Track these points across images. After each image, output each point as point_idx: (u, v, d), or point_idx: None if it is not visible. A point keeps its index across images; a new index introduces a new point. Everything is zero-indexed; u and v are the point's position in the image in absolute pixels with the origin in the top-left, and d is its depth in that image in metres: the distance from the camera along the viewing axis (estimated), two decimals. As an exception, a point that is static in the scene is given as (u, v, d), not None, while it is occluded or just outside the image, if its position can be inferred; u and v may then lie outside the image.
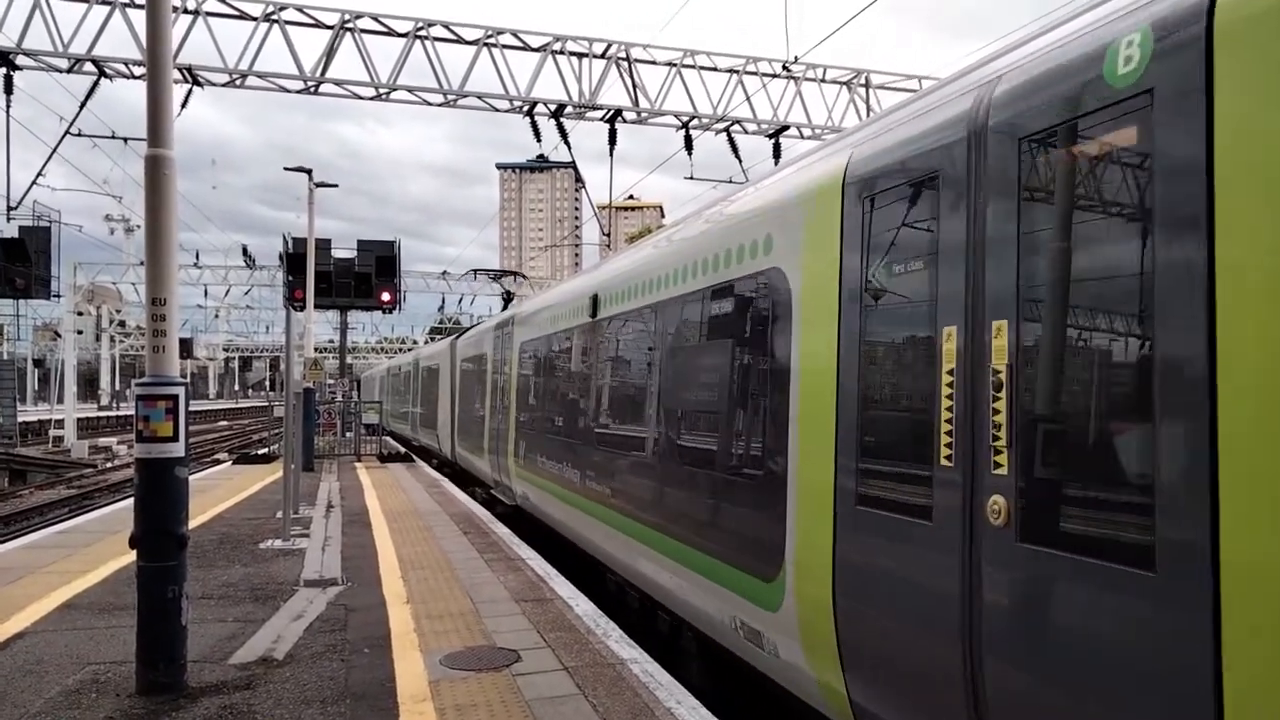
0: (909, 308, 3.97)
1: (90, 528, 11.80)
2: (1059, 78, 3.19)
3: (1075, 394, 3.16)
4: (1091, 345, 3.08)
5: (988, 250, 3.44)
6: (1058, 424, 3.15)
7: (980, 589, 3.36)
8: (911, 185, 3.98)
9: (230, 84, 18.42)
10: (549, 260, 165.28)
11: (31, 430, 41.91)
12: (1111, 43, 2.96)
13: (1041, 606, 3.11)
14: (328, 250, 25.09)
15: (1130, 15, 2.95)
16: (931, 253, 3.78)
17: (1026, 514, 3.17)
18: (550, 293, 12.69)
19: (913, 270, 3.95)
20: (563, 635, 6.63)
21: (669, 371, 6.87)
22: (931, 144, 3.85)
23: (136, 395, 5.48)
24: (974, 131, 3.59)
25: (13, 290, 25.68)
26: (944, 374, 3.64)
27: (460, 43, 19.27)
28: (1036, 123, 3.26)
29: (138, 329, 58.40)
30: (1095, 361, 3.06)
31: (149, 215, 5.61)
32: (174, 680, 5.34)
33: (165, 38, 5.71)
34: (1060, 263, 3.18)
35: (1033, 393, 3.24)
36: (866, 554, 4.12)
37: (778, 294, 5.07)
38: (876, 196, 4.22)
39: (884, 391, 4.20)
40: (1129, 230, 2.96)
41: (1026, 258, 3.27)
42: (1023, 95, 3.36)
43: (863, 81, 21.48)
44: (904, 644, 3.83)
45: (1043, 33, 3.65)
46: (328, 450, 24.07)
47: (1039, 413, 3.21)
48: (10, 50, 17.08)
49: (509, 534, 11.44)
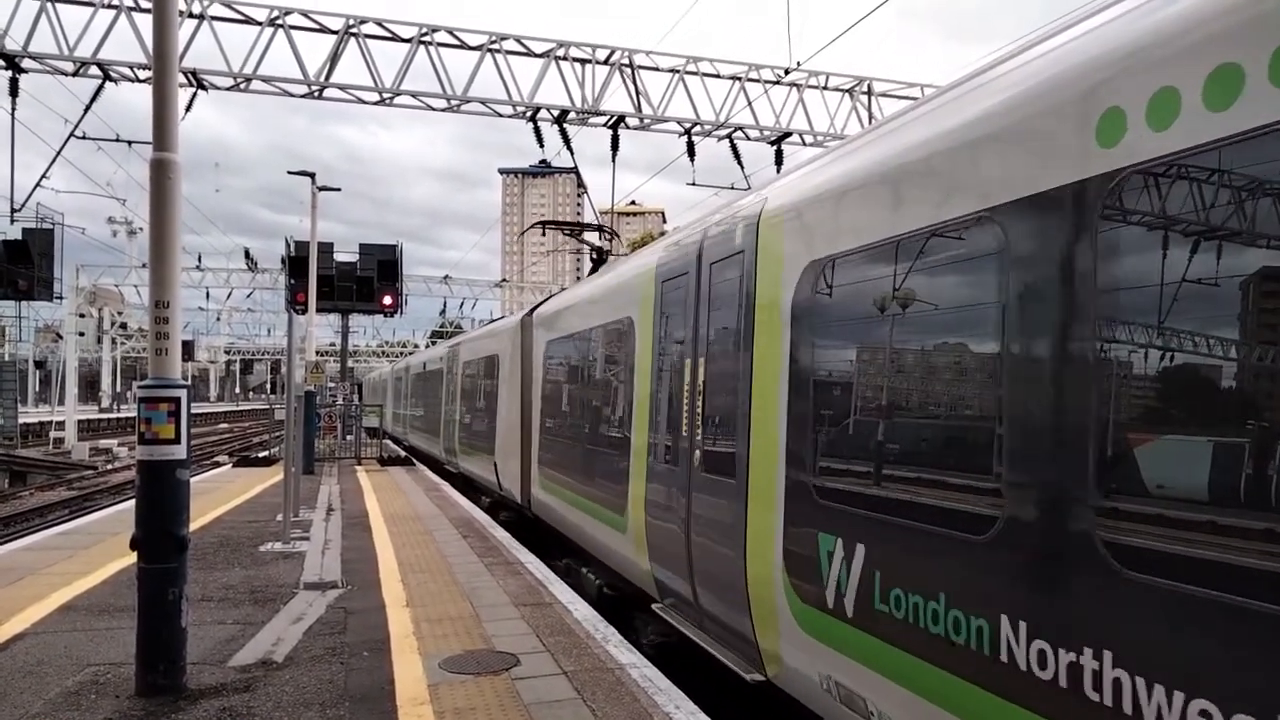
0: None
1: (91, 529, 11.81)
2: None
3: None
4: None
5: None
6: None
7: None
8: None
9: (235, 88, 18.48)
10: (550, 265, 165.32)
11: (32, 432, 41.95)
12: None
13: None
14: (330, 254, 25.12)
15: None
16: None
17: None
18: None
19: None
20: (562, 639, 6.64)
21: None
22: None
23: (139, 397, 5.51)
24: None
25: (15, 292, 25.72)
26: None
27: (464, 48, 19.34)
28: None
29: (139, 331, 58.42)
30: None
31: (153, 218, 5.64)
32: (173, 682, 5.36)
33: (171, 41, 5.74)
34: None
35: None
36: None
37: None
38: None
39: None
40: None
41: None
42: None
43: (865, 89, 21.53)
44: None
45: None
46: (328, 453, 24.09)
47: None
48: (16, 54, 17.15)
49: (508, 538, 11.45)
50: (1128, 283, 2.89)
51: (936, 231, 3.82)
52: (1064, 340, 3.05)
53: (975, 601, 3.37)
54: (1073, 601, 2.94)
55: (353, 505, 14.70)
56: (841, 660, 4.29)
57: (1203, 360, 2.75)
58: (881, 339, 4.29)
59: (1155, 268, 2.79)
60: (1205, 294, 2.66)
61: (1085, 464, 2.93)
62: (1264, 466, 2.44)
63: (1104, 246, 2.94)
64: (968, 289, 3.74)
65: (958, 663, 3.42)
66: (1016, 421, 3.26)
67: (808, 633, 4.62)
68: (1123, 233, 2.91)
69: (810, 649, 4.61)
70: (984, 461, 3.46)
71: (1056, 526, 3.03)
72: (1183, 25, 2.72)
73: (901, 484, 4.01)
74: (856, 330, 4.49)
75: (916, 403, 4.16)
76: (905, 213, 4.04)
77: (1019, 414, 3.25)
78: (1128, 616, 2.74)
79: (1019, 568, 3.18)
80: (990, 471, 3.40)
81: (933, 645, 3.57)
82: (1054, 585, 3.03)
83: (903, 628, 3.77)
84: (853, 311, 4.52)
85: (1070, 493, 2.98)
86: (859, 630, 4.11)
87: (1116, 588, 2.77)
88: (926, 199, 3.90)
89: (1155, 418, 2.89)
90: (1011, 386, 3.30)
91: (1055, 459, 3.05)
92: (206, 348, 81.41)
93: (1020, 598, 3.16)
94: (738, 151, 21.53)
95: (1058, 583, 3.01)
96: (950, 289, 3.86)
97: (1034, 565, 3.11)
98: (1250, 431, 2.53)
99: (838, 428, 4.65)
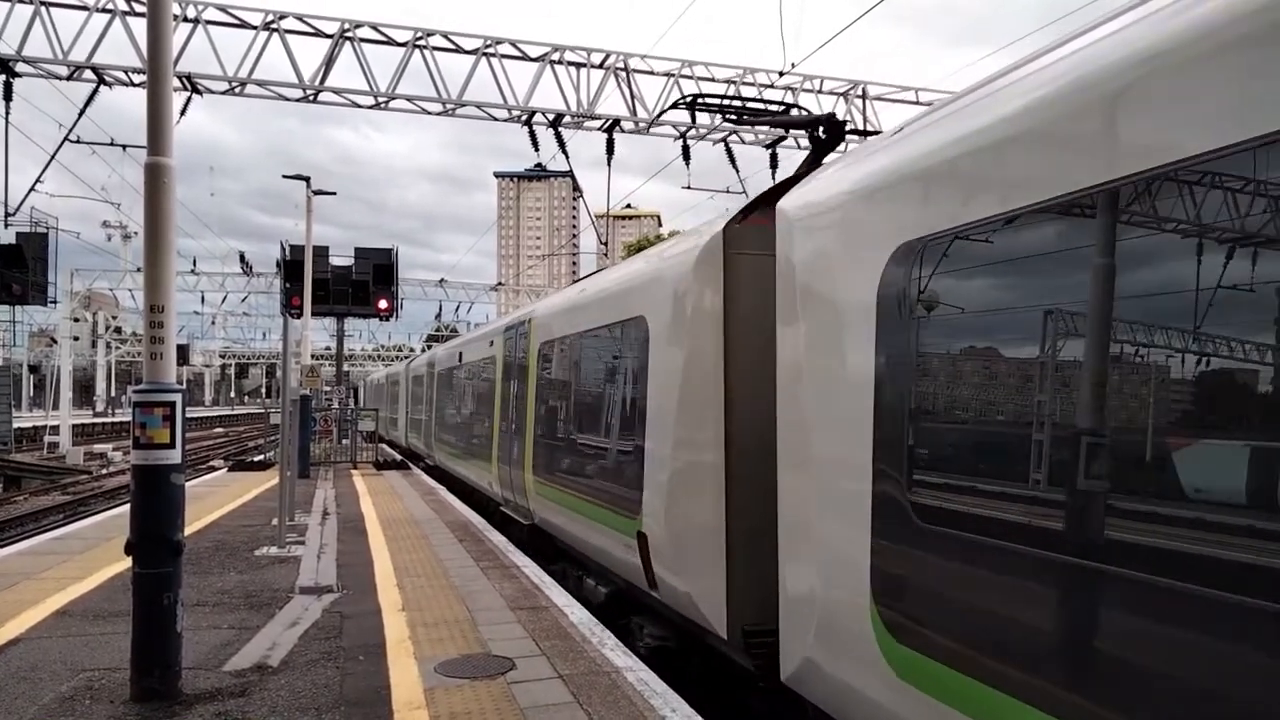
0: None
1: (85, 534, 11.78)
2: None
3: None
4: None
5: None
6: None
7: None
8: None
9: (229, 92, 18.49)
10: (546, 269, 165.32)
11: (27, 436, 41.84)
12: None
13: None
14: (325, 258, 25.14)
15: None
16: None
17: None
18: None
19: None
20: (558, 643, 6.63)
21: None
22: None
23: (134, 402, 5.50)
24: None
25: (9, 296, 25.68)
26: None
27: (459, 52, 19.35)
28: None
29: (134, 335, 58.34)
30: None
31: (148, 222, 5.63)
32: (168, 687, 5.34)
33: (166, 46, 5.74)
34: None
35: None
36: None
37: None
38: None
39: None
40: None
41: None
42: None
43: (859, 93, 21.60)
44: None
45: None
46: (324, 457, 24.05)
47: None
48: (10, 58, 17.13)
49: (504, 542, 11.43)
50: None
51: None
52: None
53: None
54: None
55: (348, 509, 14.67)
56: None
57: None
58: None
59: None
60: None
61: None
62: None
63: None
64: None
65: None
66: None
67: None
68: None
69: None
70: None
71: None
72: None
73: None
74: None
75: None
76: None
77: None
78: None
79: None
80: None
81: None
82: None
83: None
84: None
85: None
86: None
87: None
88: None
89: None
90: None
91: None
92: (201, 352, 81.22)
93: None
94: (733, 155, 21.59)
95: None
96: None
97: None
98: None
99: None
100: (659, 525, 6.64)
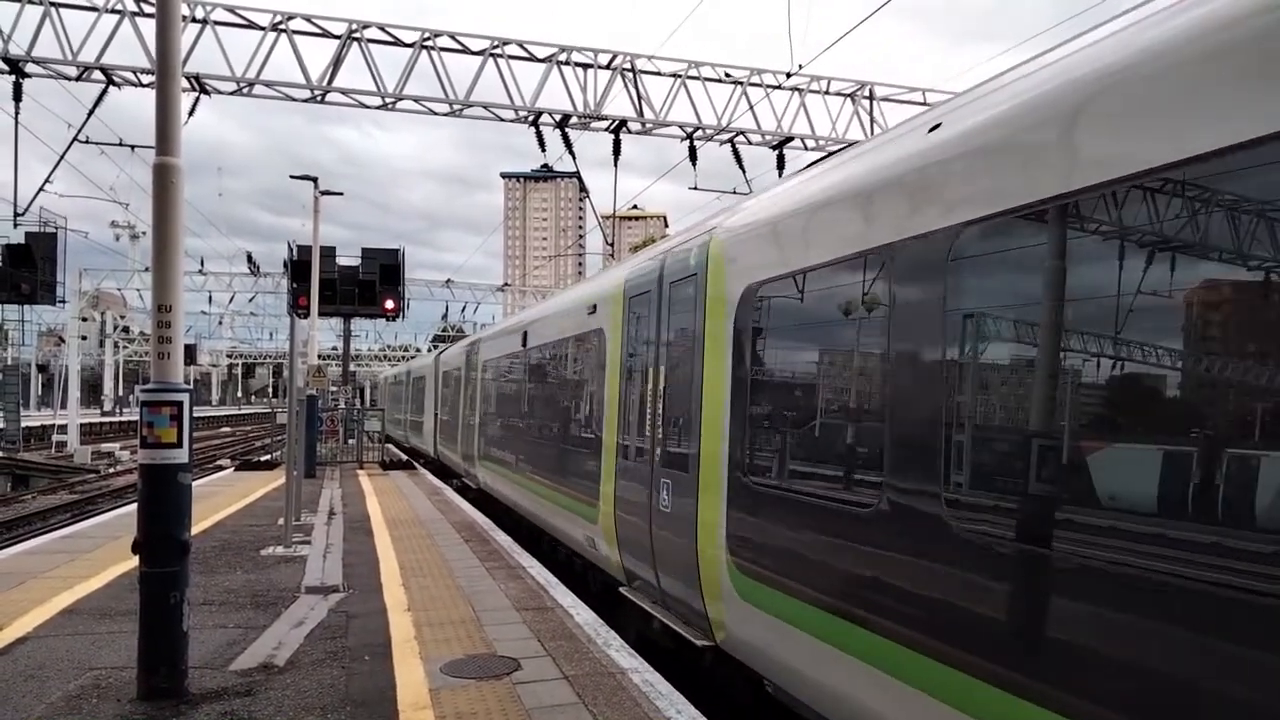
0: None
1: (93, 533, 11.82)
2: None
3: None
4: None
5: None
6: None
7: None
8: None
9: (237, 92, 18.54)
10: (552, 270, 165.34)
11: (35, 435, 42.01)
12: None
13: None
14: (332, 257, 25.14)
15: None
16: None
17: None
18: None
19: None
20: (563, 644, 6.63)
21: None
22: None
23: (141, 401, 5.52)
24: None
25: (18, 295, 25.76)
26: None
27: (466, 53, 19.37)
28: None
29: (142, 335, 58.48)
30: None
31: (156, 222, 5.65)
32: (175, 686, 5.35)
33: (175, 46, 5.76)
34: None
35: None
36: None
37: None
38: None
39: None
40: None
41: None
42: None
43: (866, 94, 21.55)
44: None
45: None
46: (330, 457, 24.09)
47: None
48: (20, 58, 17.21)
49: (510, 542, 11.44)
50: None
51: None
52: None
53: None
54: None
55: (354, 509, 14.70)
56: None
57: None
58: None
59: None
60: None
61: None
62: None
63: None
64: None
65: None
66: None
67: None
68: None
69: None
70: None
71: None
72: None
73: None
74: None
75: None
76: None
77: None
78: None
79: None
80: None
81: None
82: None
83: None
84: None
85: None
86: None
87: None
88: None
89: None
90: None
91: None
92: (209, 351, 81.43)
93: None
94: (739, 156, 21.55)
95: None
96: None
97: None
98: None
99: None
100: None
